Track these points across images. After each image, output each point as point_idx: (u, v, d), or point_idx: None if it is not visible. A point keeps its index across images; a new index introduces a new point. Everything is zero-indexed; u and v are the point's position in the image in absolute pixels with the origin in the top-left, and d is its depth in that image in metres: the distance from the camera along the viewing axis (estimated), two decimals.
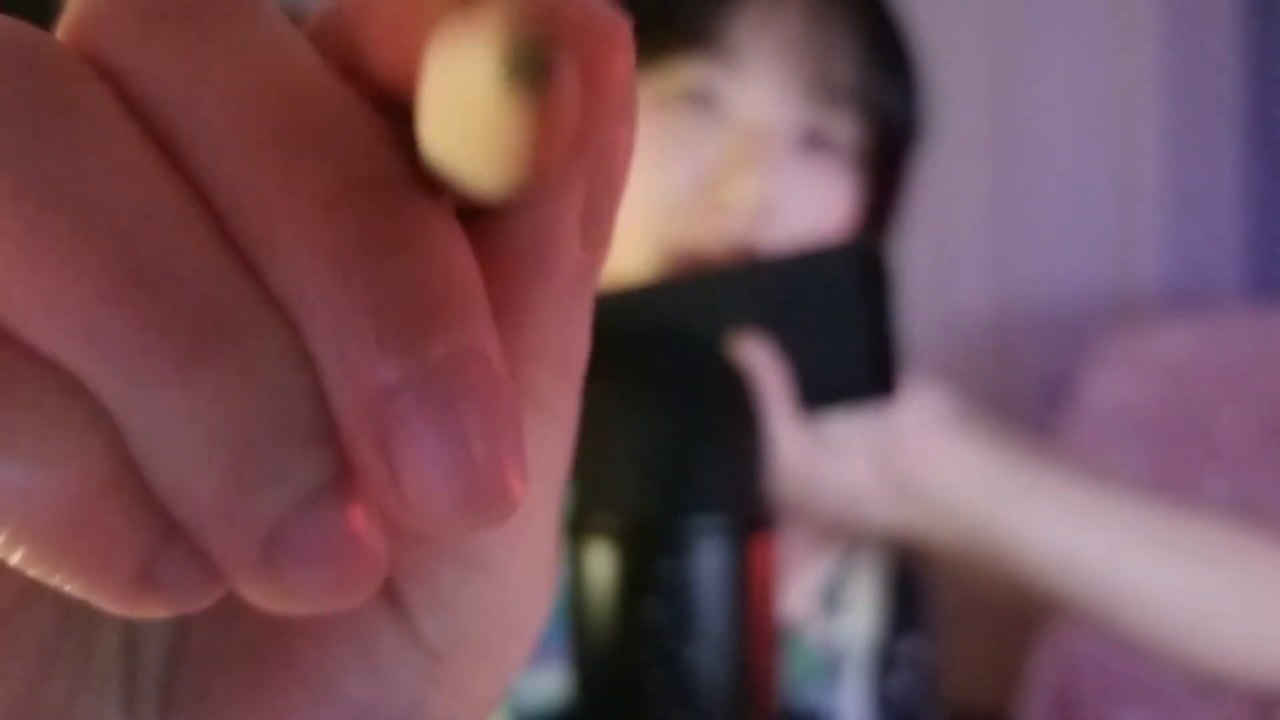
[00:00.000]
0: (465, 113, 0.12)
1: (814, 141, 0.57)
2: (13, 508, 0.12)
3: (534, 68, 0.11)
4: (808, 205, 0.56)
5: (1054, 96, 1.45)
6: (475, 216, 0.14)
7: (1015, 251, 1.48)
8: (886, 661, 0.61)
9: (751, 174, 0.54)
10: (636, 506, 0.41)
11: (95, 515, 0.12)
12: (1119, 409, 1.22)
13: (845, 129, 0.58)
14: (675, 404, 0.43)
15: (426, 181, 0.13)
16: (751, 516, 0.42)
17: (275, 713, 0.16)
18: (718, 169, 0.55)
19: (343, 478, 0.13)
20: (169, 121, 0.13)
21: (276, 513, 0.12)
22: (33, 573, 0.12)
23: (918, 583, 0.64)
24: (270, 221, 0.12)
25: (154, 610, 0.13)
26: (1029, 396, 1.40)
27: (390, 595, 0.16)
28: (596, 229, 0.15)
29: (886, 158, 0.60)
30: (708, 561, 0.40)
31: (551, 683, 0.53)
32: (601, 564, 0.41)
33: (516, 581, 0.17)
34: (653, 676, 0.40)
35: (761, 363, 0.50)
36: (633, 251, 0.56)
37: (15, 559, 0.12)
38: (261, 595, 0.13)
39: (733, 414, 0.46)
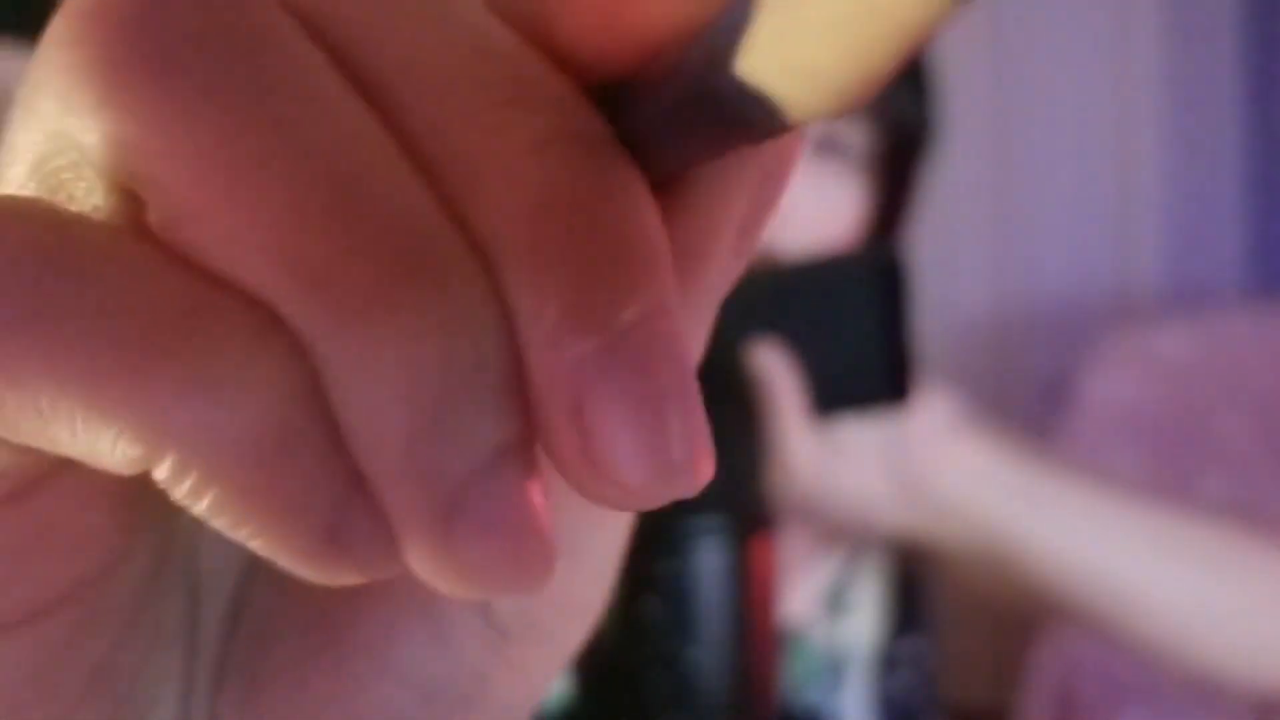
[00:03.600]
0: (856, 19, 0.10)
1: (824, 146, 0.57)
2: (206, 445, 0.11)
3: None
4: (818, 210, 0.56)
5: (1054, 97, 1.45)
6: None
7: (1015, 251, 1.48)
8: (888, 662, 0.61)
9: None
10: None
11: (288, 457, 0.11)
12: (1119, 409, 1.22)
13: (856, 134, 0.57)
14: None
15: (622, 144, 0.13)
16: (751, 517, 0.42)
17: (337, 681, 0.15)
18: None
19: (526, 444, 0.12)
20: (366, 65, 0.12)
21: (463, 471, 0.11)
22: (219, 524, 0.12)
23: (919, 583, 0.64)
24: (478, 165, 0.12)
25: (340, 575, 0.12)
26: (1029, 396, 1.40)
27: None
28: (749, 237, 0.14)
29: (897, 163, 0.60)
30: (708, 561, 0.40)
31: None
32: None
33: (593, 566, 0.16)
34: (653, 676, 0.40)
35: (776, 368, 0.50)
36: None
37: (201, 505, 0.11)
38: (433, 563, 0.12)
39: (733, 414, 0.46)
